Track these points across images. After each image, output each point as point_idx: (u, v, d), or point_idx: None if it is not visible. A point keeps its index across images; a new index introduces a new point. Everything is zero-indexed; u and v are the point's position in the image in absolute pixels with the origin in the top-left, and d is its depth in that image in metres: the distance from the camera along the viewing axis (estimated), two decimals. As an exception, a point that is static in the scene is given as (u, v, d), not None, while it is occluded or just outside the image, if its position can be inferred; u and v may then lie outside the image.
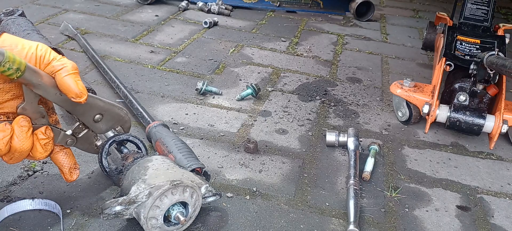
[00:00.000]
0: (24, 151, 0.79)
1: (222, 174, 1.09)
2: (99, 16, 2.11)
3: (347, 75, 1.75)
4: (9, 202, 0.91)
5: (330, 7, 2.58)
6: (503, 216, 1.06)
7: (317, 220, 0.97)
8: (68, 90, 0.77)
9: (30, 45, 0.77)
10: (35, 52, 0.77)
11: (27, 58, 0.76)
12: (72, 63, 0.79)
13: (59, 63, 0.77)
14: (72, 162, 0.89)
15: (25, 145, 0.79)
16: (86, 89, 0.79)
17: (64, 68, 0.77)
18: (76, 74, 0.78)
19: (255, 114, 1.39)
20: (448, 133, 1.40)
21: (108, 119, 0.92)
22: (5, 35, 0.78)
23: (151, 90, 1.47)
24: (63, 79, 0.77)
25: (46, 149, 0.83)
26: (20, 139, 0.78)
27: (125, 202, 0.80)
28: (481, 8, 1.66)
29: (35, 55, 0.77)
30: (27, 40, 0.79)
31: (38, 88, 0.77)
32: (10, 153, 0.79)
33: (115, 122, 0.94)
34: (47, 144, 0.83)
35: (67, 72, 0.77)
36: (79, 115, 0.87)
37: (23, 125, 0.78)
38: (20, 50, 0.76)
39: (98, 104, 0.89)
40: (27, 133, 0.79)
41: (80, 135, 0.91)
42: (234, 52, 1.85)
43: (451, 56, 1.44)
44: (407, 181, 1.15)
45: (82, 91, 0.78)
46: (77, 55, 1.67)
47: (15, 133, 0.78)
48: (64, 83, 0.77)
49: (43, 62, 0.77)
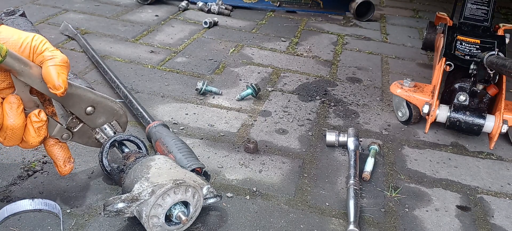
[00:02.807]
0: (15, 128, 0.79)
1: (222, 174, 1.09)
2: (99, 16, 2.11)
3: (347, 75, 1.75)
4: (9, 202, 0.91)
5: (330, 7, 2.58)
6: (503, 216, 1.06)
7: (317, 220, 0.97)
8: (48, 80, 0.78)
9: (27, 36, 0.78)
10: (30, 43, 0.78)
11: (22, 48, 0.77)
12: (63, 56, 0.80)
13: (50, 53, 0.78)
14: (67, 155, 0.90)
15: (16, 121, 0.79)
16: (66, 84, 0.79)
17: (53, 59, 0.78)
18: (63, 67, 0.79)
19: (255, 115, 1.39)
20: (448, 133, 1.40)
21: (101, 111, 0.92)
22: (3, 27, 0.79)
23: (151, 90, 1.47)
24: (47, 68, 0.78)
25: (39, 134, 0.83)
26: (10, 115, 0.78)
27: (128, 199, 0.80)
28: (481, 8, 1.66)
29: (30, 45, 0.78)
30: (25, 32, 0.80)
31: (21, 75, 0.78)
32: (2, 130, 0.79)
33: (109, 116, 0.94)
34: (40, 128, 0.83)
35: (54, 63, 0.78)
36: (69, 106, 0.87)
37: (12, 101, 0.79)
38: (15, 40, 0.77)
39: (89, 97, 0.89)
40: (17, 110, 0.79)
41: (76, 129, 0.91)
42: (234, 52, 1.85)
43: (451, 56, 1.44)
44: (407, 181, 1.15)
45: (61, 84, 0.78)
46: (77, 55, 1.67)
47: (5, 109, 0.78)
48: (46, 73, 0.78)
49: (36, 52, 0.78)
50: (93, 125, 0.93)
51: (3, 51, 0.72)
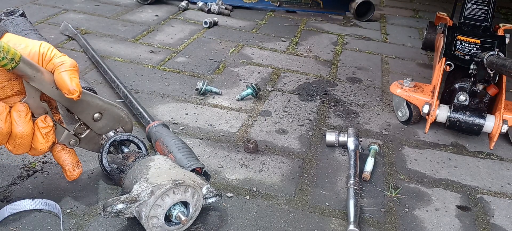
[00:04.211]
0: (24, 135, 0.80)
1: (222, 174, 1.09)
2: (99, 16, 2.11)
3: (347, 75, 1.75)
4: (9, 202, 0.91)
5: (330, 7, 2.58)
6: (503, 216, 1.06)
7: (317, 220, 0.97)
8: (62, 85, 0.79)
9: (33, 44, 0.79)
10: (38, 50, 0.79)
11: (30, 55, 0.78)
12: (72, 61, 0.81)
13: (59, 60, 0.80)
14: (75, 160, 0.91)
15: (25, 129, 0.79)
16: (80, 87, 0.80)
17: (63, 64, 0.79)
18: (74, 71, 0.80)
19: (255, 114, 1.39)
20: (448, 133, 1.40)
21: (108, 118, 0.93)
22: (10, 35, 0.80)
23: (151, 90, 1.47)
24: (60, 74, 0.79)
25: (47, 139, 0.83)
26: (19, 123, 0.79)
27: (127, 200, 0.80)
28: (481, 8, 1.66)
29: (38, 53, 0.79)
30: (30, 39, 0.80)
31: (33, 80, 0.78)
32: (12, 138, 0.80)
33: (116, 122, 0.95)
34: (48, 134, 0.83)
35: (65, 68, 0.79)
36: (78, 113, 0.88)
37: (20, 109, 0.79)
38: (23, 48, 0.79)
39: (97, 103, 0.90)
40: (25, 117, 0.80)
41: (83, 135, 0.91)
42: (234, 52, 1.85)
43: (451, 56, 1.44)
44: (407, 181, 1.15)
45: (75, 88, 0.79)
46: (77, 55, 1.67)
47: (14, 117, 0.79)
48: (60, 79, 0.79)
49: (45, 60, 0.80)
50: (100, 131, 0.94)
51: (16, 56, 0.73)
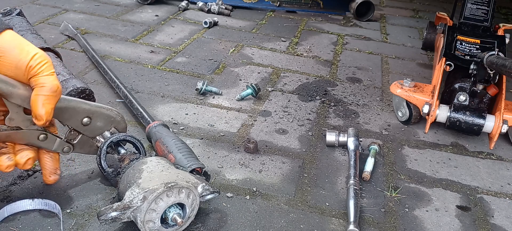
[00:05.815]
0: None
1: (222, 174, 1.09)
2: (99, 16, 2.11)
3: (347, 75, 1.75)
4: (9, 202, 0.91)
5: (330, 7, 2.58)
6: (503, 216, 1.06)
7: (317, 220, 0.97)
8: (32, 108, 0.78)
9: (28, 52, 0.76)
10: (28, 62, 0.76)
11: (18, 64, 0.75)
12: (53, 85, 0.78)
13: (42, 80, 0.77)
14: (54, 167, 0.90)
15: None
16: (49, 115, 0.78)
17: (43, 87, 0.77)
18: (50, 97, 0.77)
19: (255, 114, 1.39)
20: (448, 133, 1.40)
21: (99, 120, 0.92)
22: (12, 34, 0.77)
23: (151, 90, 1.47)
24: (35, 96, 0.77)
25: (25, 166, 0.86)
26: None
27: (119, 208, 0.80)
28: (481, 8, 1.66)
29: (27, 65, 0.76)
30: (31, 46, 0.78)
31: (11, 97, 0.77)
32: None
33: (107, 123, 0.94)
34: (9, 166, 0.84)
35: (42, 92, 0.77)
36: (65, 120, 0.88)
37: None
38: (15, 54, 0.75)
39: (83, 108, 0.89)
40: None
41: (76, 140, 0.92)
42: (234, 52, 1.85)
43: (451, 56, 1.44)
44: (407, 181, 1.15)
45: (42, 115, 0.77)
46: (77, 55, 1.67)
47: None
48: (33, 101, 0.77)
49: (30, 73, 0.76)
50: (92, 134, 0.93)
51: None
